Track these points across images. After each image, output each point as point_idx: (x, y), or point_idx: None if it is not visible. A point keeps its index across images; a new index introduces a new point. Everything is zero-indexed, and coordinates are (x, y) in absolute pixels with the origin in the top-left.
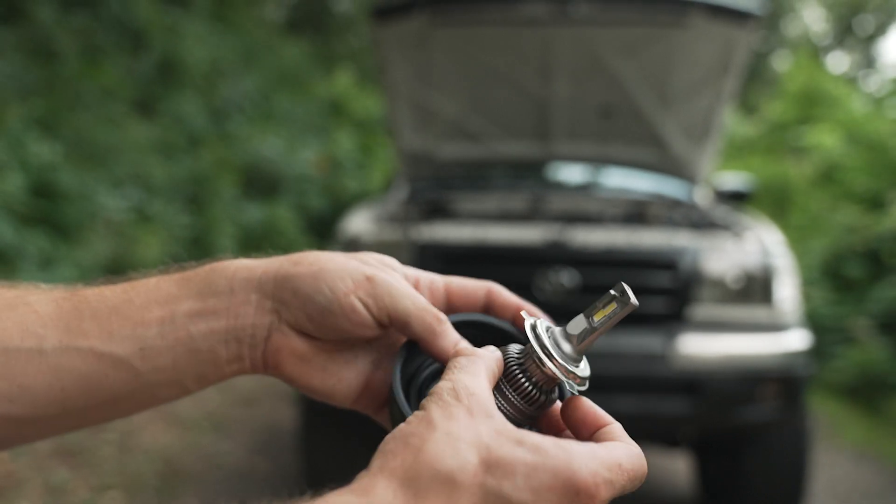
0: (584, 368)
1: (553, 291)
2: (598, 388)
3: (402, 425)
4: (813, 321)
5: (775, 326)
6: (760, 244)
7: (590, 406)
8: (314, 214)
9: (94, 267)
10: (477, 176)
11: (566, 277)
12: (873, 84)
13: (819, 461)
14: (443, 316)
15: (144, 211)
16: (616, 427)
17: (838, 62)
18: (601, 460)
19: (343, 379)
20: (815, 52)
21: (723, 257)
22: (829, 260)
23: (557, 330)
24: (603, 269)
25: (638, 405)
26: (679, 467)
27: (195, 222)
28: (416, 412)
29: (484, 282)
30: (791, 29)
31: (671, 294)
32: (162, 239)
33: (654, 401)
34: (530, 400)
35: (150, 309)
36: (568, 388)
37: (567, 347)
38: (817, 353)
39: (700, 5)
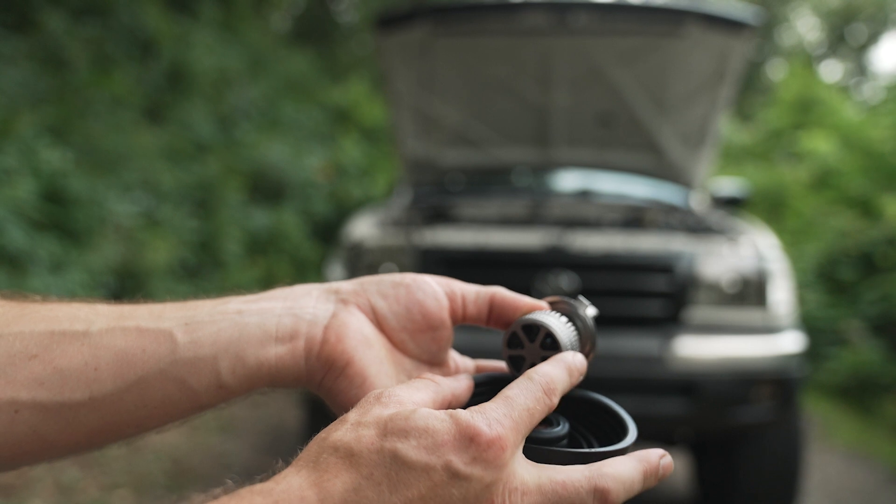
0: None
1: (552, 295)
2: (597, 389)
3: None
4: (807, 323)
5: (769, 329)
6: (755, 248)
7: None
8: (319, 220)
9: (105, 271)
10: (478, 182)
11: (565, 281)
12: (866, 92)
13: (812, 461)
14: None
15: (153, 216)
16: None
17: (832, 71)
18: (489, 406)
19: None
20: (808, 61)
21: (718, 261)
22: (824, 263)
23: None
24: (601, 273)
25: (635, 406)
26: (676, 466)
27: (203, 227)
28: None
29: (487, 289)
30: (785, 38)
31: (668, 297)
32: (171, 244)
33: (651, 401)
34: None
35: (207, 302)
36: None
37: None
38: (811, 354)
39: (696, 15)
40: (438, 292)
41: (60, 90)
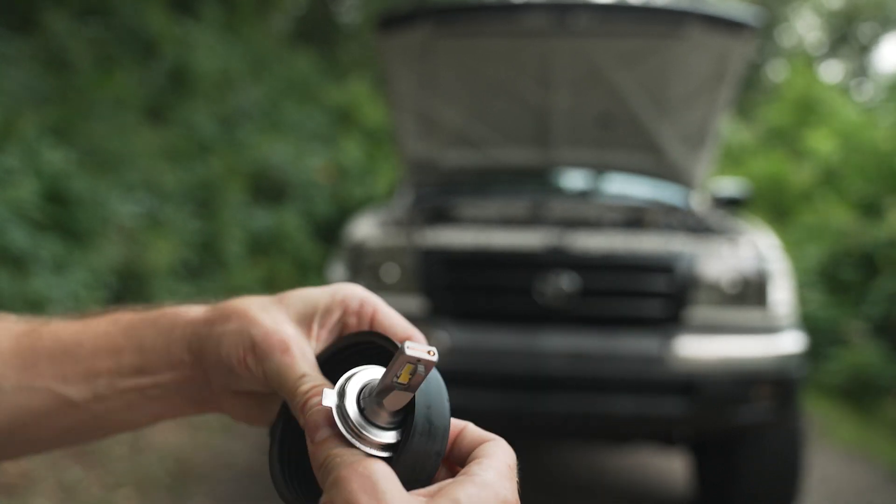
0: (385, 435)
1: (553, 295)
2: (598, 389)
3: None
4: (808, 323)
5: (770, 329)
6: (755, 249)
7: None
8: (321, 220)
9: (107, 271)
10: (479, 182)
11: (566, 281)
12: (867, 92)
13: (812, 460)
14: (304, 386)
15: (156, 216)
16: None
17: (833, 71)
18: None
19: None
20: (809, 62)
21: (718, 261)
22: (825, 263)
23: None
24: (602, 273)
25: (636, 406)
26: (676, 466)
27: (205, 228)
28: None
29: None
30: (786, 39)
31: (668, 297)
32: (173, 244)
33: (652, 402)
34: None
35: (98, 357)
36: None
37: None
38: (811, 354)
39: (696, 17)
40: (262, 380)
41: (63, 91)
